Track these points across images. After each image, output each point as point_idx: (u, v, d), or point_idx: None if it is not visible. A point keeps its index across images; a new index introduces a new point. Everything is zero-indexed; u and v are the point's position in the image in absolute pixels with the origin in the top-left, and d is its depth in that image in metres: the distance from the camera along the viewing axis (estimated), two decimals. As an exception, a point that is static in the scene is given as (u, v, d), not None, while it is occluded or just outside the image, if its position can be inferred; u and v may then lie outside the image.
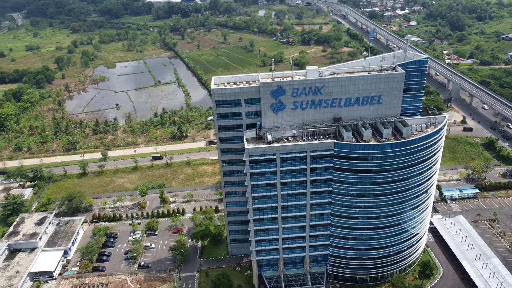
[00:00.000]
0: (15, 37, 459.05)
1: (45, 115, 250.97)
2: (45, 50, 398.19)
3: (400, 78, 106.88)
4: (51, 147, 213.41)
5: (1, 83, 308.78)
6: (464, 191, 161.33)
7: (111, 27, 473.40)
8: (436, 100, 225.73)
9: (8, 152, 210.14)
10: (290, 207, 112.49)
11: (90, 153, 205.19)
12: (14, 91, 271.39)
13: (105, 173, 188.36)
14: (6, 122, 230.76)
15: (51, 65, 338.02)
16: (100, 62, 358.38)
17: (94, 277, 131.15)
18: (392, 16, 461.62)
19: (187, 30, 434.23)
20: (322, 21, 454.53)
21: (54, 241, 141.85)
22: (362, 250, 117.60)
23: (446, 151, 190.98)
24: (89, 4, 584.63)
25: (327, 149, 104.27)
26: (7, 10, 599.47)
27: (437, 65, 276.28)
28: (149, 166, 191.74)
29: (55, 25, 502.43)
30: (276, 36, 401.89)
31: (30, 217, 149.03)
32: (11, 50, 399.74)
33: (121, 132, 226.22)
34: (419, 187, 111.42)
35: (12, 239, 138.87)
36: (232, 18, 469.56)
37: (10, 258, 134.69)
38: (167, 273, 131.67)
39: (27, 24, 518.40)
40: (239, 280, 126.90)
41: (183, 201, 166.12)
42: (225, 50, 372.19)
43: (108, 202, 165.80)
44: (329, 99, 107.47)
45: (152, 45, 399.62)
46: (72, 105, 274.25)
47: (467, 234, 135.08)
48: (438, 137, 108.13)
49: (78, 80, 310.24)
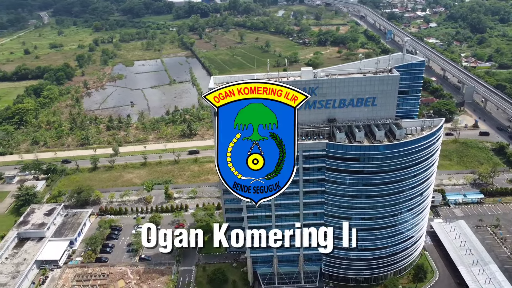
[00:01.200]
0: (41, 35, 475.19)
1: (63, 111, 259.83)
2: (67, 48, 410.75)
3: (395, 80, 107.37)
4: (66, 141, 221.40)
5: (24, 79, 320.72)
6: (468, 196, 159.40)
7: (132, 26, 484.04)
8: (448, 104, 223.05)
9: (25, 145, 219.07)
10: (284, 205, 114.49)
11: (102, 149, 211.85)
12: (35, 87, 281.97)
13: (115, 168, 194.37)
14: (25, 117, 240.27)
15: (72, 62, 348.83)
16: (119, 60, 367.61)
17: (97, 267, 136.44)
18: (412, 17, 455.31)
19: (205, 29, 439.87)
20: (340, 22, 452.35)
21: (61, 231, 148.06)
22: (355, 251, 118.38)
23: (454, 155, 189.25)
24: (112, 3, 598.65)
25: (320, 149, 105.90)
26: (35, 8, 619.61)
27: (452, 67, 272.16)
28: (157, 162, 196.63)
29: (79, 24, 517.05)
30: (292, 36, 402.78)
31: (40, 208, 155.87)
32: (36, 47, 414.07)
33: (134, 129, 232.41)
34: (413, 190, 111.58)
35: (22, 228, 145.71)
36: (250, 18, 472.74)
37: (19, 246, 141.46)
38: (166, 266, 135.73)
39: (52, 23, 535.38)
40: (235, 276, 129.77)
41: (187, 197, 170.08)
42: (241, 50, 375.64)
43: (115, 196, 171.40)
44: (323, 100, 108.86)
45: (170, 44, 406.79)
46: (90, 102, 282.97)
47: (466, 239, 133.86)
48: (433, 140, 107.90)
49: (97, 77, 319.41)
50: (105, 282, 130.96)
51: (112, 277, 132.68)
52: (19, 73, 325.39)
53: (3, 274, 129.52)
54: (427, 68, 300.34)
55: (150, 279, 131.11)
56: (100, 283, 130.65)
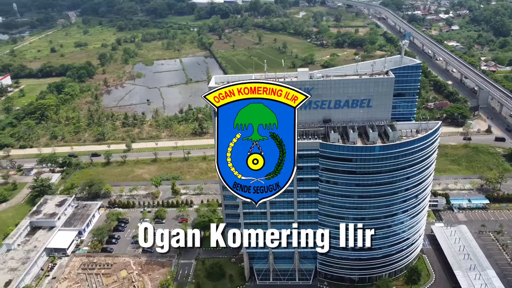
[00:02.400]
0: (67, 34, 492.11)
1: (82, 107, 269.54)
2: (91, 46, 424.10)
3: (390, 82, 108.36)
4: (83, 136, 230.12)
5: (49, 76, 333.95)
6: (473, 201, 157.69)
7: (154, 26, 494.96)
8: (460, 108, 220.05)
9: (45, 139, 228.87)
10: (278, 203, 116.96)
11: (116, 144, 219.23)
12: (57, 84, 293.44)
13: (127, 164, 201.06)
14: (46, 112, 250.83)
15: (94, 61, 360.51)
16: (139, 59, 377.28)
17: (102, 257, 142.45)
18: (434, 20, 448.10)
19: (225, 30, 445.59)
20: (360, 24, 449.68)
21: (71, 222, 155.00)
22: (349, 250, 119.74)
23: (463, 159, 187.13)
24: (137, 3, 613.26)
25: (313, 149, 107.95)
26: (64, 8, 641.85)
27: (469, 71, 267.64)
28: (167, 159, 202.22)
29: (104, 24, 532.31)
30: (311, 38, 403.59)
31: (53, 199, 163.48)
32: (61, 46, 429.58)
33: (148, 126, 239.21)
34: (407, 192, 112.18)
35: (34, 217, 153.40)
36: (270, 19, 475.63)
37: (31, 234, 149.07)
38: (167, 259, 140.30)
39: (79, 22, 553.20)
40: (232, 271, 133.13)
41: (193, 193, 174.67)
42: (258, 50, 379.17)
43: (124, 190, 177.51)
44: (318, 100, 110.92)
45: (190, 44, 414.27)
46: (109, 99, 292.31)
47: (466, 244, 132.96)
48: (427, 142, 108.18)
49: (117, 75, 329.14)
50: (108, 271, 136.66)
51: (116, 267, 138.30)
52: (44, 70, 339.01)
53: (15, 260, 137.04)
54: (444, 72, 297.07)
55: (151, 270, 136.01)
56: (104, 272, 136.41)
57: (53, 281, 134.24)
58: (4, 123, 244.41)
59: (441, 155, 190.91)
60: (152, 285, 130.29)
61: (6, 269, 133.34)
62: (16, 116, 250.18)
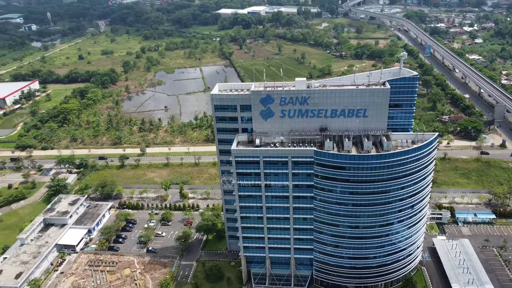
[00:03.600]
0: (96, 42, 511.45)
1: (103, 112, 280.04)
2: (117, 54, 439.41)
3: (385, 93, 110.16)
4: (101, 140, 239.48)
5: (75, 82, 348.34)
6: (479, 216, 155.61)
7: (178, 36, 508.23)
8: (474, 121, 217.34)
9: (65, 142, 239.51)
10: (275, 208, 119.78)
11: (131, 148, 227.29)
12: (81, 89, 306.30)
13: (140, 167, 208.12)
14: (69, 116, 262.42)
15: (118, 68, 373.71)
16: (161, 67, 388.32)
17: (108, 255, 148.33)
18: (458, 32, 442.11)
19: (246, 40, 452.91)
20: (382, 36, 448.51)
21: (82, 220, 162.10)
22: (344, 258, 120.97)
23: (473, 174, 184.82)
24: (163, 13, 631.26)
25: (308, 156, 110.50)
26: (94, 18, 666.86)
27: (488, 85, 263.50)
28: (179, 164, 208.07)
29: (131, 32, 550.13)
30: (330, 49, 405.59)
31: (66, 198, 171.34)
32: (89, 53, 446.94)
33: (163, 132, 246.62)
34: (402, 202, 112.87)
35: (48, 214, 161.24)
36: (291, 30, 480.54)
37: (44, 230, 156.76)
38: (170, 259, 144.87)
39: (108, 31, 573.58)
40: (231, 274, 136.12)
41: (200, 198, 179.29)
42: (277, 61, 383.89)
43: (135, 192, 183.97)
44: (315, 109, 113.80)
45: (211, 54, 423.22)
46: (129, 105, 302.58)
47: (466, 258, 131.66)
48: (422, 153, 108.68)
49: (138, 82, 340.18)
50: (113, 269, 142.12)
51: (120, 265, 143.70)
52: (70, 76, 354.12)
53: (27, 254, 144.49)
54: (463, 85, 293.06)
55: (153, 270, 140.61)
56: (109, 269, 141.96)
57: (61, 275, 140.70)
58: (29, 126, 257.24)
59: (451, 168, 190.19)
60: (153, 284, 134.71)
61: (18, 262, 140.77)
62: (40, 119, 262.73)
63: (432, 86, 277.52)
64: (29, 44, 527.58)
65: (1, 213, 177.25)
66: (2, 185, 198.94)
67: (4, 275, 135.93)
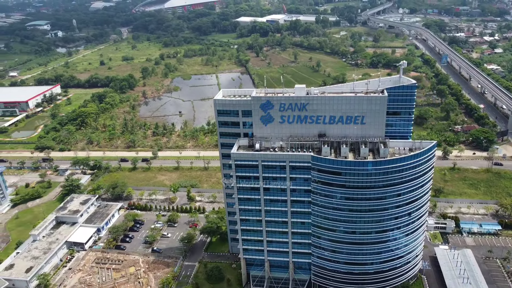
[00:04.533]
0: (117, 48, 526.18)
1: (120, 116, 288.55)
2: (137, 60, 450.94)
3: (383, 101, 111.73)
4: (116, 143, 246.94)
5: (95, 86, 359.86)
6: (484, 226, 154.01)
7: (197, 43, 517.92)
8: (486, 132, 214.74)
9: (82, 144, 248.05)
10: (273, 211, 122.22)
11: (144, 152, 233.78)
12: (100, 94, 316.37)
13: (151, 170, 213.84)
14: (86, 119, 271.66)
15: (137, 74, 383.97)
16: (178, 73, 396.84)
17: (115, 254, 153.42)
18: (478, 42, 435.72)
19: (263, 48, 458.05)
20: (399, 44, 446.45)
21: (92, 219, 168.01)
22: (341, 263, 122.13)
23: (482, 184, 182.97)
24: (184, 21, 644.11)
25: (305, 161, 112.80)
26: (118, 25, 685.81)
27: (503, 95, 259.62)
28: (189, 167, 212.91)
29: (152, 39, 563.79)
30: (346, 57, 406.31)
31: (78, 197, 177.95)
32: (110, 59, 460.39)
33: (176, 136, 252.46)
34: (398, 209, 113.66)
35: (60, 212, 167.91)
36: (308, 38, 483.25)
37: (55, 228, 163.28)
38: (173, 259, 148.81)
39: (129, 38, 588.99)
40: (231, 276, 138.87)
41: (207, 201, 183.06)
42: (292, 68, 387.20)
43: (144, 194, 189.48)
44: (314, 115, 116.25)
45: (228, 61, 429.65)
46: (145, 110, 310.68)
47: (468, 268, 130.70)
48: (419, 161, 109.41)
49: (155, 88, 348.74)
50: (119, 267, 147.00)
51: (125, 263, 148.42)
52: (90, 81, 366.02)
53: (38, 249, 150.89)
54: (479, 95, 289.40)
55: (156, 269, 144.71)
56: (114, 267, 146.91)
57: (69, 271, 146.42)
58: (49, 128, 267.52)
59: (459, 178, 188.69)
60: (155, 282, 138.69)
61: (29, 257, 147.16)
62: (60, 122, 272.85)
63: (447, 95, 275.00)
64: (54, 50, 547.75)
65: (17, 211, 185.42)
66: (20, 183, 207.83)
67: (16, 269, 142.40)
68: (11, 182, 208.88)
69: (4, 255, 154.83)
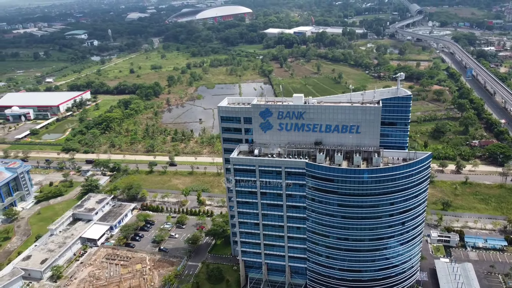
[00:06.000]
0: (147, 57, 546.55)
1: (142, 122, 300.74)
2: (165, 69, 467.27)
3: (377, 111, 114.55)
4: (136, 147, 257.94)
5: (122, 93, 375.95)
6: (490, 241, 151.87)
7: (224, 53, 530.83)
8: (503, 147, 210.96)
9: (105, 147, 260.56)
10: (270, 216, 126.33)
11: (162, 156, 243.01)
12: (126, 100, 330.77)
13: (166, 174, 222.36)
14: (111, 124, 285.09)
15: (163, 82, 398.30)
16: (203, 82, 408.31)
17: (124, 251, 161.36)
18: (508, 56, 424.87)
19: (287, 59, 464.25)
20: (425, 58, 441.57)
21: (106, 217, 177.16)
22: (335, 269, 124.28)
23: (493, 199, 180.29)
24: (213, 32, 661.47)
25: (300, 168, 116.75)
26: (150, 35, 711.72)
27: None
28: (202, 173, 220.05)
29: (181, 49, 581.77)
30: (369, 70, 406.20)
31: (95, 196, 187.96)
32: (140, 68, 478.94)
33: (193, 142, 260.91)
34: (392, 217, 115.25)
35: (77, 210, 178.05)
36: (333, 50, 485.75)
37: (72, 224, 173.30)
38: (178, 259, 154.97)
39: (160, 48, 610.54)
40: (231, 277, 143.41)
41: (216, 205, 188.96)
42: (314, 79, 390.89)
43: (157, 196, 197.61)
44: (310, 124, 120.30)
45: (252, 71, 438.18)
46: (167, 116, 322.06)
47: (466, 282, 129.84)
48: (412, 171, 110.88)
49: (179, 96, 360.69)
50: (127, 263, 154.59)
51: (133, 260, 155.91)
52: (119, 88, 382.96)
53: (54, 243, 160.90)
54: (502, 110, 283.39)
55: (161, 267, 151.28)
56: (122, 263, 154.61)
57: (80, 265, 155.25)
58: (76, 131, 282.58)
59: (471, 193, 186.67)
60: (158, 279, 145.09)
61: (46, 250, 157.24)
62: (86, 126, 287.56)
63: (467, 109, 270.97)
64: (89, 58, 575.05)
65: (40, 207, 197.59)
66: (45, 182, 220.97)
67: (32, 259, 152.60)
68: (37, 180, 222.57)
69: (24, 247, 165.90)
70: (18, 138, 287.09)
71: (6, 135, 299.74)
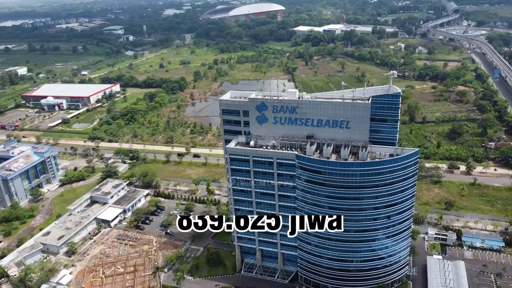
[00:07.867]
0: (178, 53, 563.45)
1: (165, 115, 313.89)
2: (193, 65, 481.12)
3: (366, 107, 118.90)
4: (157, 138, 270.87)
5: (150, 87, 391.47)
6: (487, 242, 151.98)
7: (252, 50, 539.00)
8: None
9: (128, 137, 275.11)
10: (263, 204, 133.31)
11: (179, 147, 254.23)
12: (151, 93, 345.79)
13: (182, 164, 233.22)
14: (136, 115, 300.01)
15: (190, 77, 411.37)
16: (228, 78, 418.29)
17: (134, 232, 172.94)
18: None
19: (313, 57, 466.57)
20: (455, 58, 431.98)
21: (120, 201, 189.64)
22: (323, 258, 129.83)
23: (499, 202, 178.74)
24: (244, 29, 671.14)
25: (290, 159, 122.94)
26: (183, 31, 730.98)
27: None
28: (215, 164, 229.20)
29: (211, 46, 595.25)
30: (395, 69, 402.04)
31: (112, 181, 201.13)
32: (169, 63, 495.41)
33: (211, 135, 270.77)
34: (376, 210, 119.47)
35: (94, 193, 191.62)
36: (359, 49, 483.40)
37: (89, 206, 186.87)
38: (182, 242, 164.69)
39: (191, 44, 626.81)
40: (228, 262, 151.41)
41: (224, 195, 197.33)
42: (337, 78, 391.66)
43: (170, 184, 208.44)
44: (303, 118, 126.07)
45: (277, 68, 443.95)
46: (190, 110, 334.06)
47: (455, 279, 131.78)
48: (396, 166, 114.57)
49: (203, 91, 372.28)
50: (135, 243, 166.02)
51: (141, 241, 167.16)
52: (147, 82, 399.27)
53: (71, 222, 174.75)
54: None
55: (166, 249, 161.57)
56: (131, 243, 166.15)
57: (93, 243, 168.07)
58: (103, 121, 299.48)
59: (477, 194, 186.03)
60: (162, 259, 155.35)
61: (63, 228, 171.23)
62: (112, 116, 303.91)
63: (488, 111, 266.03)
64: (123, 52, 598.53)
65: (63, 189, 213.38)
66: (70, 167, 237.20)
67: (51, 235, 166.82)
68: (63, 165, 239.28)
69: (46, 225, 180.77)
70: (51, 126, 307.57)
71: (41, 123, 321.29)
